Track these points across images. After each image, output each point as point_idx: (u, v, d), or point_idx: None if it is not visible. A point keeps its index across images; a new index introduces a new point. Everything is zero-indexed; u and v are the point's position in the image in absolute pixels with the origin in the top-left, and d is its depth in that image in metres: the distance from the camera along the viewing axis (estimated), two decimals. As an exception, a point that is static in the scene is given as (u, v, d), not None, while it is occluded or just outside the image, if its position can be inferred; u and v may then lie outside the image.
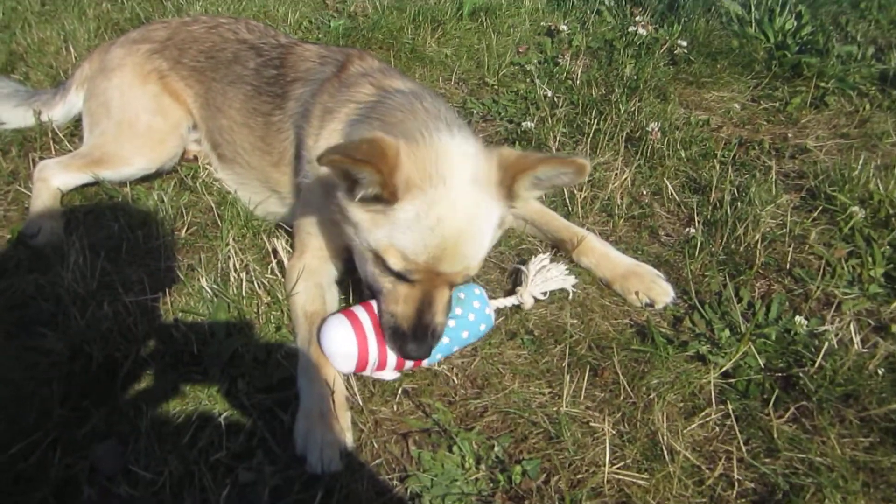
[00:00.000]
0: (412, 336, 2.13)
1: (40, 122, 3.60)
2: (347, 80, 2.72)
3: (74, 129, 3.69)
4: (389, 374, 2.25)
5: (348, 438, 2.06)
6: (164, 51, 3.27)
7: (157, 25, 3.45)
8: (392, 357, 2.19)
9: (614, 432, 2.09)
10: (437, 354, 2.24)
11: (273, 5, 5.30)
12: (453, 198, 2.02)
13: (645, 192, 3.27)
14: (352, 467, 2.00)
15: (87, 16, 5.21)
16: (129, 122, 3.18)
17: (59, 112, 3.62)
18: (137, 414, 2.14)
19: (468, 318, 2.30)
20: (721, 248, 2.87)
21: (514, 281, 2.72)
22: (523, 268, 2.61)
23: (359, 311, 2.25)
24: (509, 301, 2.53)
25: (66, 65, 4.46)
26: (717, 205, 3.12)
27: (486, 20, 5.19)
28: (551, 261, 2.62)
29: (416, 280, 2.12)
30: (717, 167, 3.39)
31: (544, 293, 2.56)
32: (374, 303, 2.27)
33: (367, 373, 2.24)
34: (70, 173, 3.17)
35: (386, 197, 2.01)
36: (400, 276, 2.14)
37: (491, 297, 2.51)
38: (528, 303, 2.52)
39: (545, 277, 2.54)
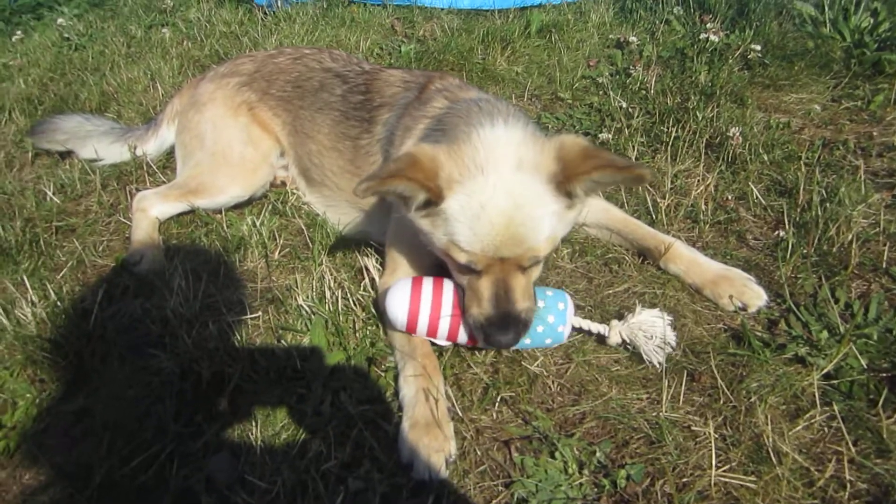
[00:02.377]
0: (496, 324, 2.17)
1: (135, 157, 3.82)
2: (426, 98, 2.81)
3: (166, 161, 3.90)
4: (441, 341, 2.40)
5: (452, 447, 2.11)
6: (253, 83, 3.44)
7: (244, 59, 3.63)
8: (464, 330, 2.32)
9: (717, 436, 2.07)
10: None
11: (345, 34, 5.47)
12: (493, 184, 2.04)
13: (729, 198, 3.23)
14: (457, 474, 2.05)
15: (170, 55, 5.53)
16: (223, 153, 3.35)
17: (151, 146, 3.84)
18: (247, 427, 2.25)
19: (547, 319, 2.33)
20: (813, 250, 2.82)
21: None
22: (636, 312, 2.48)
23: (425, 279, 2.42)
24: (595, 327, 2.48)
25: (154, 101, 4.72)
26: (806, 206, 3.06)
27: (554, 36, 5.23)
28: (664, 321, 2.42)
29: (484, 270, 2.16)
30: (803, 169, 3.33)
31: (631, 344, 2.44)
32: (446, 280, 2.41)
33: (419, 334, 2.39)
34: (168, 203, 3.35)
35: (433, 199, 2.08)
36: (468, 269, 2.19)
37: (579, 315, 2.54)
38: (614, 340, 2.45)
39: (646, 329, 2.40)
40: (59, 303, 2.79)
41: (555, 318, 2.34)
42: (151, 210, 3.33)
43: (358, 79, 3.21)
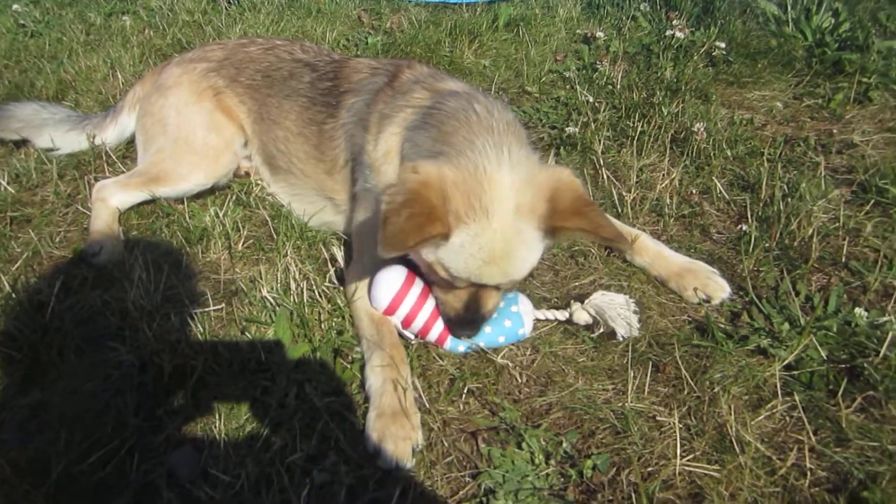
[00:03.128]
0: (460, 324, 2.33)
1: (94, 145, 3.70)
2: (401, 87, 2.79)
3: (126, 151, 3.80)
4: (410, 333, 2.45)
5: (419, 436, 2.11)
6: (221, 69, 3.37)
7: (214, 46, 3.56)
8: (437, 329, 2.40)
9: (682, 426, 2.09)
10: (460, 347, 2.41)
11: (311, 25, 5.42)
12: (495, 228, 2.09)
13: (693, 192, 3.27)
14: (424, 465, 2.04)
15: (131, 43, 5.39)
16: (186, 139, 3.27)
17: (110, 134, 3.72)
18: (210, 421, 2.21)
19: (504, 323, 2.39)
20: (775, 244, 2.87)
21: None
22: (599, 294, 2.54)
23: (418, 278, 2.46)
24: (559, 315, 2.52)
25: (114, 90, 4.60)
26: (768, 201, 3.11)
27: (521, 30, 5.25)
28: (626, 300, 2.51)
29: (462, 287, 2.27)
30: (765, 165, 3.39)
31: (598, 317, 2.47)
32: None
33: (393, 320, 2.43)
34: (128, 192, 3.27)
35: (443, 239, 2.11)
36: (448, 283, 2.28)
37: (541, 307, 2.57)
38: (582, 319, 2.49)
39: (607, 305, 2.46)
40: (13, 295, 2.70)
41: (512, 322, 2.41)
42: (111, 199, 3.24)
43: (327, 67, 3.19)
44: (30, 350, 2.50)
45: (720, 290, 2.65)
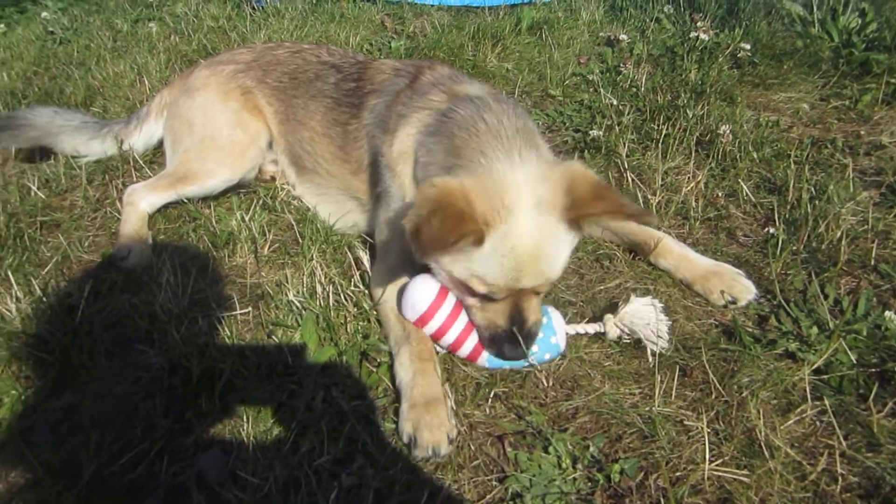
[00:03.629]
0: (508, 339, 2.27)
1: (121, 151, 3.75)
2: (420, 88, 2.81)
3: (153, 156, 3.85)
4: (441, 346, 2.43)
5: (453, 426, 2.12)
6: (249, 71, 3.44)
7: (243, 50, 3.65)
8: (469, 344, 2.36)
9: (710, 430, 2.07)
10: (503, 364, 2.37)
11: (334, 30, 5.46)
12: (521, 226, 2.10)
13: (719, 195, 3.24)
14: (451, 469, 2.04)
15: (157, 49, 5.47)
16: (212, 137, 3.33)
17: (137, 140, 3.77)
18: (238, 424, 2.23)
19: (549, 340, 2.37)
20: (803, 247, 2.84)
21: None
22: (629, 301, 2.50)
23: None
24: (591, 328, 2.50)
25: (141, 96, 4.67)
26: (796, 204, 3.08)
27: (544, 33, 5.24)
28: (656, 308, 2.45)
29: (502, 298, 2.25)
30: (792, 167, 3.35)
31: (630, 333, 2.44)
32: None
33: (426, 330, 2.39)
34: (157, 194, 3.31)
35: (475, 243, 2.11)
36: (487, 298, 2.27)
37: (571, 322, 2.54)
38: (613, 333, 2.46)
39: (640, 316, 2.43)
40: (44, 298, 2.75)
41: (549, 335, 2.38)
42: (141, 203, 3.28)
43: (351, 68, 3.23)
44: (61, 353, 2.54)
45: (746, 291, 2.63)
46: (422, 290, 2.40)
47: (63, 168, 3.79)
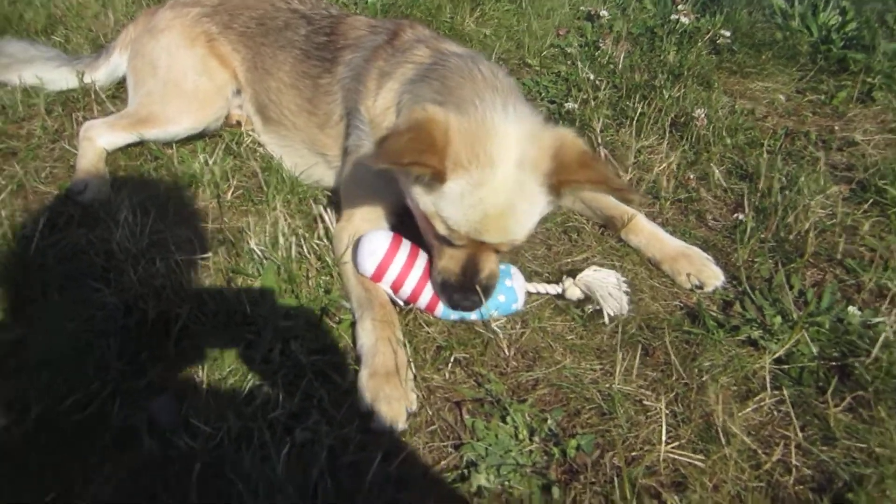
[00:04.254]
0: (459, 287, 2.24)
1: (83, 84, 3.60)
2: (402, 46, 2.74)
3: (116, 91, 3.69)
4: (400, 299, 2.40)
5: (413, 399, 2.08)
6: (215, 15, 3.29)
7: None
8: (426, 294, 2.34)
9: (668, 412, 2.07)
10: (451, 315, 2.35)
11: (311, -23, 5.25)
12: (497, 179, 2.05)
13: (691, 177, 3.24)
14: (408, 432, 2.01)
15: (124, -21, 5.18)
16: (176, 82, 3.19)
17: (101, 74, 3.63)
18: (193, 371, 2.16)
19: (497, 297, 2.33)
20: (771, 236, 2.85)
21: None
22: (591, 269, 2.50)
23: (405, 240, 2.42)
24: (551, 289, 2.49)
25: (106, 29, 4.45)
26: (766, 193, 3.09)
27: (525, 2, 5.14)
28: (617, 277, 2.47)
29: (461, 245, 2.21)
30: (765, 155, 3.36)
31: (588, 294, 2.44)
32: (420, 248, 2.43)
33: (382, 285, 2.37)
34: (115, 133, 3.19)
35: (437, 179, 2.07)
36: (445, 240, 2.23)
37: (533, 281, 2.53)
38: (574, 295, 2.46)
39: (599, 282, 2.43)
40: None
41: (506, 297, 2.36)
42: (98, 139, 3.16)
43: (323, 21, 3.13)
44: (11, 285, 2.43)
45: (714, 277, 2.63)
46: (374, 246, 2.37)
47: (20, 96, 3.60)
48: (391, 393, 2.04)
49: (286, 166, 3.19)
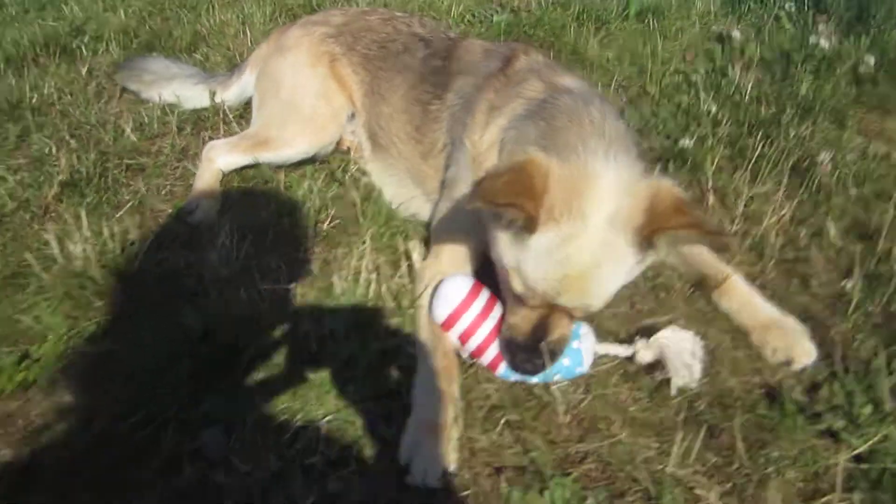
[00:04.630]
0: (524, 348, 2.18)
1: (214, 102, 3.85)
2: (514, 76, 2.70)
3: (243, 111, 3.89)
4: (465, 352, 2.37)
5: (453, 459, 2.07)
6: (339, 36, 3.40)
7: (336, 12, 3.63)
8: (492, 352, 2.29)
9: (720, 504, 1.96)
10: (512, 376, 2.29)
11: (438, -3, 5.35)
12: (586, 236, 1.96)
13: (803, 233, 2.99)
14: (442, 493, 2.01)
15: (264, 0, 5.50)
16: (296, 104, 3.33)
17: (232, 92, 3.85)
18: (247, 404, 2.25)
19: (562, 361, 2.27)
20: (879, 309, 2.59)
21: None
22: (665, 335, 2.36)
23: (484, 290, 2.38)
24: (621, 350, 2.38)
25: (243, 48, 4.73)
26: (884, 257, 2.81)
27: (653, 22, 4.96)
28: (695, 342, 2.31)
29: (534, 306, 2.14)
30: (891, 211, 3.04)
31: (659, 360, 2.32)
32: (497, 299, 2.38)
33: (451, 335, 2.35)
34: (234, 154, 3.36)
35: (527, 227, 2.00)
36: (520, 299, 2.17)
37: (604, 341, 2.43)
38: (645, 359, 2.34)
39: (674, 346, 2.29)
40: (109, 242, 2.84)
41: (571, 360, 2.29)
42: (217, 160, 3.35)
43: (440, 44, 3.15)
44: (110, 299, 2.64)
45: (805, 354, 2.41)
46: (455, 287, 2.37)
47: (157, 113, 3.91)
48: (431, 449, 2.04)
49: (385, 197, 3.26)
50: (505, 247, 2.13)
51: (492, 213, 2.13)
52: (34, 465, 2.08)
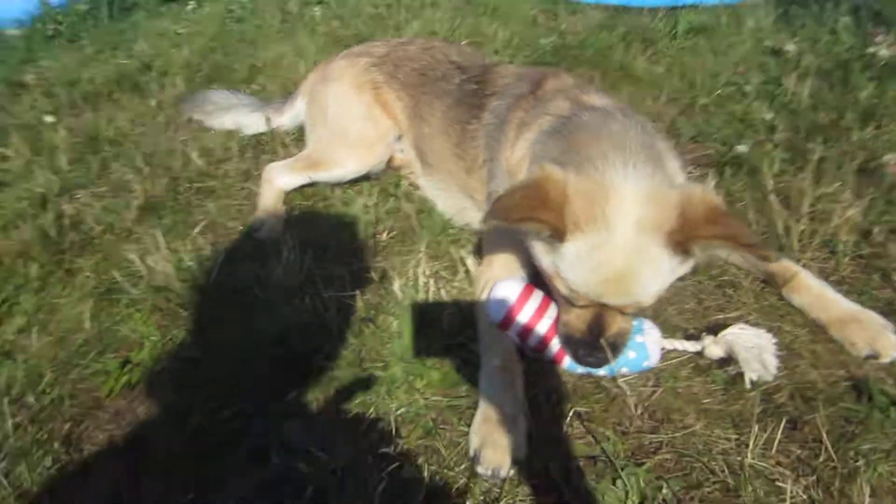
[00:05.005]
0: (584, 344, 2.14)
1: (270, 128, 4.04)
2: (543, 96, 2.75)
3: (299, 134, 4.02)
4: (528, 348, 2.34)
5: (522, 450, 2.05)
6: (382, 65, 3.54)
7: (378, 43, 3.79)
8: (555, 346, 2.27)
9: (805, 497, 1.85)
10: (578, 368, 2.25)
11: (485, 23, 5.43)
12: (615, 242, 1.95)
13: (878, 230, 2.88)
14: (512, 482, 1.98)
15: (318, 32, 5.73)
16: (343, 129, 3.49)
17: (287, 118, 4.06)
18: (324, 399, 2.33)
19: (627, 354, 2.21)
20: (967, 301, 2.47)
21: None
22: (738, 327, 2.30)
23: (538, 290, 2.36)
24: (689, 346, 2.32)
25: (298, 77, 4.85)
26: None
27: (703, 39, 4.93)
28: (767, 338, 2.24)
29: (584, 305, 2.13)
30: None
31: (729, 355, 2.25)
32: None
33: (510, 333, 2.32)
34: (292, 175, 3.54)
35: (556, 238, 2.01)
36: (567, 300, 2.16)
37: (671, 337, 2.37)
38: (714, 354, 2.27)
39: (744, 342, 2.22)
40: (186, 259, 3.01)
41: (637, 353, 2.24)
42: (277, 181, 3.52)
43: (475, 70, 3.26)
44: (194, 310, 2.79)
45: (892, 347, 2.30)
46: (507, 288, 2.35)
47: (221, 139, 4.11)
48: (499, 439, 2.03)
49: (439, 209, 3.35)
50: (542, 255, 2.15)
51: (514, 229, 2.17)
52: (144, 455, 2.21)
